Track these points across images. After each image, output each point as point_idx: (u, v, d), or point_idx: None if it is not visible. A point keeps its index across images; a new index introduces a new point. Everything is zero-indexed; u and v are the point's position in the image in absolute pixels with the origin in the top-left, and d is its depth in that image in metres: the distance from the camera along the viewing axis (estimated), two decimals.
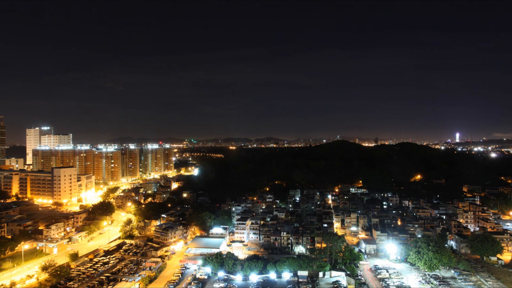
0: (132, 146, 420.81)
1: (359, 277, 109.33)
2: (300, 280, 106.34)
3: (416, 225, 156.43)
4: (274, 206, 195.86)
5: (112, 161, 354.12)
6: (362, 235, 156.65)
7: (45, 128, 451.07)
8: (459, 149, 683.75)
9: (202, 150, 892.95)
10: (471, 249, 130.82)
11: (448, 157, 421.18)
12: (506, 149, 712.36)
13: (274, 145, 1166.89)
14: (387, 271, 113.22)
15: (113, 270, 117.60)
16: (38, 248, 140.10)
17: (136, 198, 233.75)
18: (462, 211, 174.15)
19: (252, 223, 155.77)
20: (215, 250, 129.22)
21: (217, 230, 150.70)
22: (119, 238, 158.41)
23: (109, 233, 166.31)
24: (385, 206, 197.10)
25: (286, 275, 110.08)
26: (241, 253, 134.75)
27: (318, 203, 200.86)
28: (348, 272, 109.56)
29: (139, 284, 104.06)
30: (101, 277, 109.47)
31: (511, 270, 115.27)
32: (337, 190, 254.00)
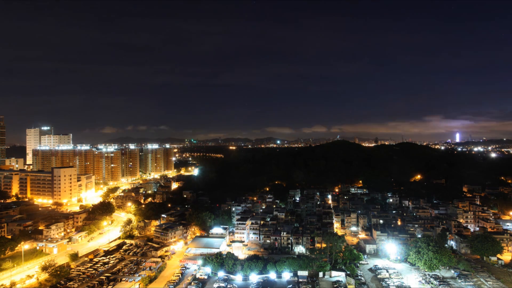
0: (132, 146, 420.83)
1: (359, 277, 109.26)
2: (300, 280, 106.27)
3: (416, 225, 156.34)
4: (274, 206, 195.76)
5: (112, 161, 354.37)
6: (362, 235, 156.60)
7: (45, 128, 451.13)
8: (459, 149, 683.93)
9: (202, 150, 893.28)
10: (471, 249, 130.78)
11: (448, 157, 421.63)
12: (506, 149, 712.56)
13: (274, 145, 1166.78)
14: (387, 271, 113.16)
15: (113, 270, 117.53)
16: (38, 248, 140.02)
17: (136, 198, 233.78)
18: (462, 211, 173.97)
19: (252, 223, 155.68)
20: (215, 250, 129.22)
21: (217, 230, 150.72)
22: (119, 238, 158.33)
23: (109, 233, 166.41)
24: (385, 206, 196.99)
25: (286, 275, 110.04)
26: (241, 253, 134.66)
27: (318, 203, 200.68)
28: (348, 272, 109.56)
29: (139, 284, 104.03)
30: (101, 277, 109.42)
31: (511, 270, 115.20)
32: (337, 190, 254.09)
